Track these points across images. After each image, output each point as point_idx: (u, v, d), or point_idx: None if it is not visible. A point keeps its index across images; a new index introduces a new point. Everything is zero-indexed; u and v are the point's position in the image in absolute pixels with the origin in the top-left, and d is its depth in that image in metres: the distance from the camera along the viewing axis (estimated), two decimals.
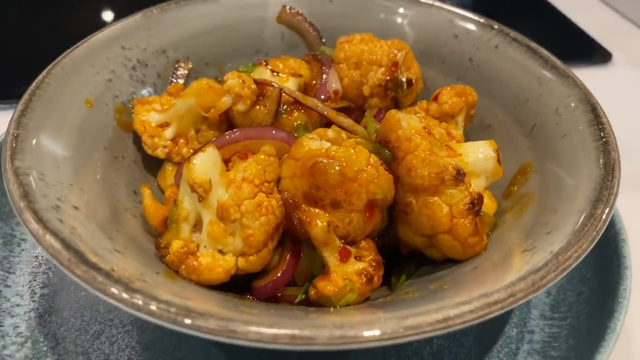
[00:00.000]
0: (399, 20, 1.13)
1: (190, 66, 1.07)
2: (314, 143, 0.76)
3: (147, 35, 1.04)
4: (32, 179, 0.71)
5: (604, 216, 0.67)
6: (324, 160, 0.73)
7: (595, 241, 0.65)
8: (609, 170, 0.74)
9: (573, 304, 0.91)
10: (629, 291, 0.80)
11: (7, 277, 0.95)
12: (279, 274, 0.77)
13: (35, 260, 0.99)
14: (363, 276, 0.75)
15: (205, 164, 0.73)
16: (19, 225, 1.03)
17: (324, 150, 0.74)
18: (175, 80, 1.04)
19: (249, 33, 1.14)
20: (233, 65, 1.12)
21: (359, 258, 0.77)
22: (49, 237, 0.62)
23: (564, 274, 0.61)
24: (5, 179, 0.70)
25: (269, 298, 0.78)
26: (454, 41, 1.08)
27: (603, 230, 0.66)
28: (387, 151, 0.77)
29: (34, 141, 0.77)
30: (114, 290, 0.57)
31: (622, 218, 0.92)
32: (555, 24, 1.83)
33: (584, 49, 1.70)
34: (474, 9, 1.13)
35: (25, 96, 0.83)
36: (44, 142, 0.78)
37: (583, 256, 0.63)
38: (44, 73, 0.87)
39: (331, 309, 0.71)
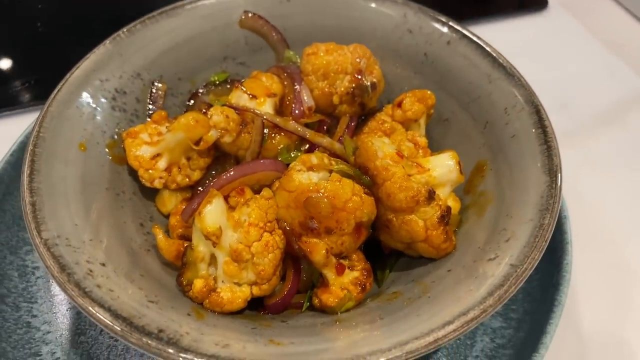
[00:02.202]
0: (356, 15, 1.19)
1: (165, 85, 1.12)
2: (303, 176, 0.87)
3: (120, 62, 1.07)
4: (61, 248, 0.80)
5: (550, 226, 0.82)
6: (315, 195, 0.84)
7: (544, 249, 0.80)
8: (553, 177, 0.88)
9: None
10: (571, 265, 0.97)
11: (32, 308, 1.05)
12: (286, 291, 0.90)
13: (52, 285, 1.09)
14: (358, 285, 0.89)
15: (214, 213, 0.84)
16: (28, 255, 1.11)
17: (313, 184, 0.85)
18: (153, 104, 1.10)
19: (214, 41, 1.18)
20: (205, 76, 1.18)
21: (351, 268, 0.91)
22: (97, 309, 0.73)
23: (522, 284, 0.77)
24: (39, 253, 0.79)
25: (280, 311, 0.92)
26: (408, 36, 1.16)
27: (550, 237, 0.82)
28: (367, 177, 0.89)
29: (49, 206, 0.85)
30: (169, 350, 0.70)
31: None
32: None
33: None
34: None
35: (28, 157, 0.89)
36: (57, 204, 0.86)
37: (535, 265, 0.79)
38: (37, 127, 0.93)
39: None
